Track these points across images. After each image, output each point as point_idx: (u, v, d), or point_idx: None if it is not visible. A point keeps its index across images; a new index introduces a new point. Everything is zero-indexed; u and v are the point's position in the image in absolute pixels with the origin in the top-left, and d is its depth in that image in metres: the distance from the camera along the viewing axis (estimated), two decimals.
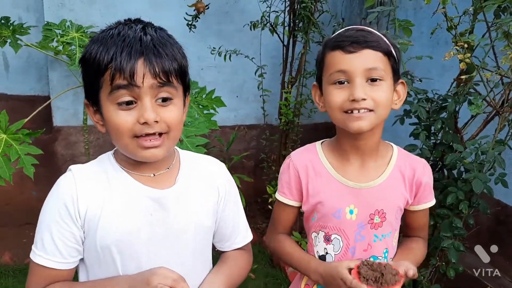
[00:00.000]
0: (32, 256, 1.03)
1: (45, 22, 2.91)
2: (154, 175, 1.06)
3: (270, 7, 2.96)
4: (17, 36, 2.44)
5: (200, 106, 2.60)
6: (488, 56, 1.77)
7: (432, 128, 1.98)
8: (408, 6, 3.01)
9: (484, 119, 1.90)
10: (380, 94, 1.09)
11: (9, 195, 3.25)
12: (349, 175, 1.20)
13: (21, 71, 3.28)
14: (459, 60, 1.77)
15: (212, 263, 1.20)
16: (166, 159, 1.08)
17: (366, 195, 1.18)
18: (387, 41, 1.12)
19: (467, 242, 2.57)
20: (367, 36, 1.09)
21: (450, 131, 1.96)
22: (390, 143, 1.29)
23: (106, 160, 1.07)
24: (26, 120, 2.25)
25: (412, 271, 1.08)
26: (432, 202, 1.28)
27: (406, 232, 1.34)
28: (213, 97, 2.69)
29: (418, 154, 2.00)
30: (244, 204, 3.16)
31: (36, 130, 2.28)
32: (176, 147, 1.15)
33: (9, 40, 2.40)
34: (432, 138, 2.03)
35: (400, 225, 1.30)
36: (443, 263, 2.13)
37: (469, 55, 1.68)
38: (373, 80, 1.09)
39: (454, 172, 2.01)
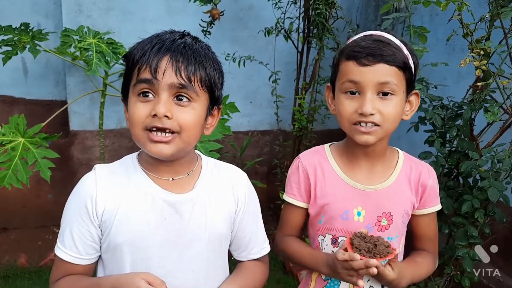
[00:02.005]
0: (55, 248, 1.07)
1: (63, 28, 2.97)
2: (173, 179, 1.08)
3: (284, 14, 2.97)
4: (36, 42, 2.48)
5: None
6: (505, 63, 1.75)
7: (447, 135, 1.97)
8: (424, 12, 2.99)
9: (501, 126, 1.87)
10: (389, 110, 1.10)
11: (25, 198, 3.31)
12: (357, 177, 1.20)
13: (39, 76, 3.34)
14: (475, 67, 1.76)
15: (230, 271, 1.21)
16: (186, 164, 1.10)
17: (374, 197, 1.19)
18: (405, 51, 1.12)
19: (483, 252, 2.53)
20: (383, 49, 1.09)
21: (466, 139, 1.94)
22: (396, 148, 1.29)
23: (130, 160, 1.11)
24: (43, 124, 2.29)
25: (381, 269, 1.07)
26: (438, 207, 1.29)
27: (414, 244, 1.32)
28: (227, 102, 2.71)
29: (433, 162, 1.99)
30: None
31: (53, 134, 2.32)
32: (200, 153, 1.17)
33: (28, 46, 2.44)
34: (447, 145, 2.01)
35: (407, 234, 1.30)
36: (458, 272, 2.10)
37: (485, 62, 1.66)
38: (385, 94, 1.10)
39: (469, 180, 1.99)
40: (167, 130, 0.98)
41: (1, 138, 2.14)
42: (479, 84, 1.76)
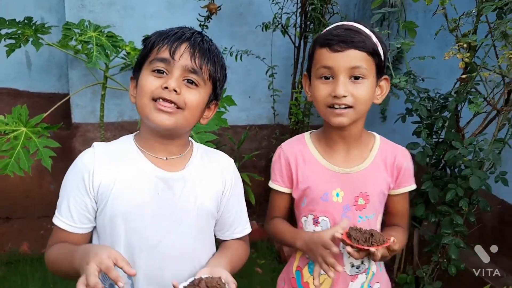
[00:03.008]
0: (53, 218, 1.15)
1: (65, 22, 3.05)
2: (166, 158, 1.16)
3: (282, 9, 3.03)
4: (38, 35, 2.56)
5: None
6: (488, 56, 1.81)
7: (434, 126, 2.03)
8: (418, 8, 3.04)
9: (484, 117, 1.93)
10: (361, 92, 1.18)
11: (28, 189, 3.40)
12: (335, 161, 1.27)
13: (42, 69, 3.42)
14: (462, 59, 1.82)
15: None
16: (180, 146, 1.18)
17: (351, 179, 1.25)
18: (374, 39, 1.18)
19: (472, 242, 2.59)
20: (354, 36, 1.16)
21: (452, 130, 2.00)
22: (373, 132, 1.36)
23: (127, 140, 1.19)
24: (45, 114, 2.37)
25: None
26: (412, 186, 1.35)
27: (388, 220, 1.39)
28: (224, 95, 2.78)
29: (419, 152, 2.05)
30: (254, 202, 3.26)
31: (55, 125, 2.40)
32: (192, 140, 1.26)
33: (31, 39, 2.52)
34: (434, 136, 2.07)
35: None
36: (445, 260, 2.16)
37: (468, 54, 1.72)
38: (356, 78, 1.17)
39: (456, 170, 2.05)
40: (173, 104, 1.08)
41: (4, 127, 2.23)
42: (463, 76, 1.82)
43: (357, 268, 1.29)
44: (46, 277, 2.63)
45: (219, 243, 1.31)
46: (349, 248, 1.14)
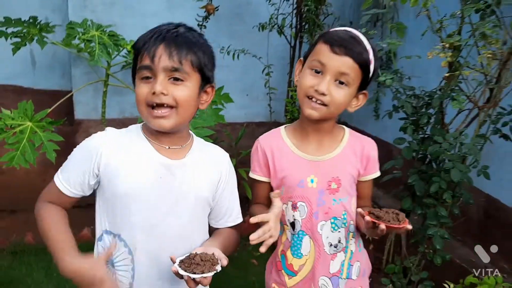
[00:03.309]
0: (55, 175, 1.27)
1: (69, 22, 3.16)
2: (169, 147, 1.26)
3: (278, 10, 3.14)
4: (43, 34, 2.67)
5: None
6: (470, 56, 1.91)
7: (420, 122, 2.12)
8: (409, 10, 3.12)
9: (467, 114, 2.03)
10: (339, 96, 1.29)
11: (32, 183, 3.46)
12: (308, 151, 1.39)
13: (46, 67, 3.53)
14: (445, 58, 1.92)
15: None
16: (181, 138, 1.29)
17: (323, 166, 1.37)
18: (371, 56, 1.28)
19: (458, 235, 2.70)
20: (353, 45, 1.27)
21: (437, 126, 2.11)
22: (343, 126, 1.47)
23: (135, 129, 1.30)
24: (49, 110, 2.48)
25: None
26: (377, 173, 1.47)
27: (356, 203, 1.49)
28: (221, 93, 2.89)
29: (406, 147, 2.15)
30: (250, 196, 3.36)
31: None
32: (193, 133, 1.37)
33: (36, 37, 2.63)
34: (420, 132, 2.17)
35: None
36: (431, 251, 2.25)
37: (450, 54, 1.82)
38: (341, 82, 1.28)
39: (441, 165, 2.15)
40: (165, 105, 1.17)
41: (10, 122, 2.33)
42: (447, 74, 1.92)
43: (335, 247, 1.39)
44: (50, 267, 2.74)
45: (212, 232, 1.41)
46: (382, 226, 1.22)
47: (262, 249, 1.24)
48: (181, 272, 1.09)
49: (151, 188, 1.23)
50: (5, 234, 3.13)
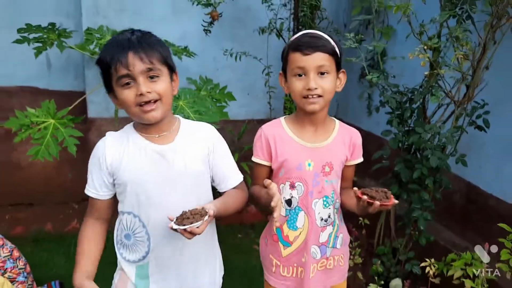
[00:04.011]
0: (85, 189, 1.53)
1: (83, 27, 3.39)
2: (158, 135, 1.50)
3: (276, 15, 3.38)
4: (62, 39, 2.91)
5: (214, 100, 3.04)
6: (446, 56, 2.15)
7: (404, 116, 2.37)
8: (399, 14, 3.38)
9: (444, 108, 2.28)
10: (327, 84, 1.53)
11: (48, 177, 3.75)
12: (306, 138, 1.62)
13: (61, 69, 3.78)
14: (425, 58, 2.16)
15: None
16: (167, 124, 1.51)
17: (318, 152, 1.61)
18: (332, 43, 1.53)
19: (443, 220, 2.94)
20: (317, 42, 1.51)
21: (420, 119, 2.35)
22: (334, 118, 1.71)
23: (129, 128, 1.55)
24: (70, 108, 2.72)
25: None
26: (361, 159, 1.71)
27: (341, 185, 1.72)
28: (225, 92, 3.13)
29: (392, 138, 2.40)
30: (250, 188, 3.60)
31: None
32: (179, 117, 1.59)
33: (56, 42, 2.87)
34: (405, 125, 2.41)
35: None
36: (416, 233, 2.50)
37: (427, 54, 2.06)
38: (322, 73, 1.52)
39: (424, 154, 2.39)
40: (152, 101, 1.40)
41: (35, 119, 2.57)
42: (426, 73, 2.17)
43: (325, 221, 1.63)
44: (69, 252, 2.99)
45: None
46: (377, 203, 1.41)
47: (277, 224, 1.47)
48: (175, 226, 1.31)
49: (150, 173, 1.47)
50: (25, 224, 3.37)
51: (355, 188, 1.48)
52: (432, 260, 2.23)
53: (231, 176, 1.63)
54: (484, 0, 2.12)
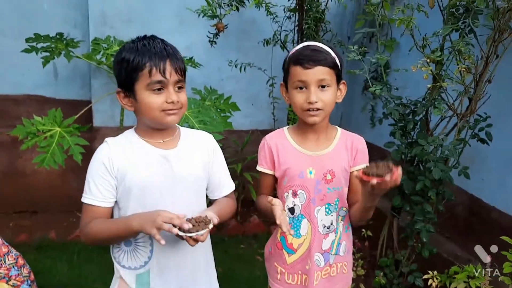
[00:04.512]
0: (83, 199, 1.49)
1: (90, 38, 3.45)
2: (163, 141, 1.52)
3: (281, 27, 3.43)
4: (69, 49, 2.96)
5: (218, 110, 3.07)
6: (449, 69, 2.18)
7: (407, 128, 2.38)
8: (402, 27, 3.41)
9: (447, 121, 2.29)
10: (327, 97, 1.54)
11: (53, 185, 3.78)
12: (307, 147, 1.64)
13: (67, 79, 3.83)
14: (428, 71, 2.19)
15: None
16: (171, 131, 1.55)
17: (320, 159, 1.62)
18: (333, 55, 1.55)
19: (446, 232, 2.94)
20: (318, 55, 1.53)
21: (422, 131, 2.37)
22: (336, 126, 1.72)
23: (130, 133, 1.55)
24: (76, 116, 2.75)
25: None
26: (366, 164, 1.61)
27: (349, 198, 1.69)
28: (229, 102, 3.17)
29: (395, 150, 2.41)
30: (255, 199, 3.61)
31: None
32: (177, 124, 1.62)
33: (63, 52, 2.92)
34: (408, 137, 2.43)
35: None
36: (419, 245, 2.50)
37: (430, 67, 2.09)
38: (323, 86, 1.54)
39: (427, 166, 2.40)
40: (175, 108, 1.45)
41: (42, 127, 2.61)
42: (428, 86, 2.19)
43: (327, 228, 1.64)
44: (72, 260, 3.00)
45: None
46: (387, 177, 1.31)
47: (287, 231, 1.45)
48: (180, 233, 1.33)
49: (156, 177, 1.48)
50: (28, 231, 3.39)
51: (355, 173, 1.42)
52: (435, 272, 2.23)
53: (226, 184, 1.67)
54: (486, 14, 2.15)
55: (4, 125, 3.61)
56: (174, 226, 1.34)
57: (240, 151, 3.76)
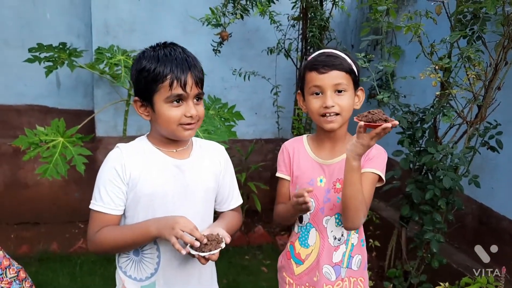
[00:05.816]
0: (91, 206, 1.44)
1: (93, 47, 3.43)
2: (176, 150, 1.49)
3: (285, 36, 3.41)
4: (72, 58, 2.94)
5: (222, 119, 3.04)
6: (458, 77, 2.14)
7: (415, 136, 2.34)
8: (409, 34, 3.39)
9: (457, 129, 2.25)
10: (344, 102, 1.51)
11: (55, 196, 3.74)
12: (321, 155, 1.60)
13: (70, 88, 3.81)
14: (437, 78, 2.15)
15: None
16: (184, 141, 1.51)
17: (331, 168, 1.58)
18: (349, 61, 1.52)
19: (455, 242, 2.89)
20: (334, 60, 1.51)
21: (431, 139, 2.33)
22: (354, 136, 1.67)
23: (142, 140, 1.51)
24: (79, 126, 2.73)
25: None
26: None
27: None
28: (233, 111, 3.14)
29: (403, 159, 2.37)
30: (260, 208, 3.58)
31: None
32: None
33: (66, 62, 2.90)
34: (416, 145, 2.39)
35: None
36: (429, 255, 2.44)
37: (439, 74, 2.05)
38: (339, 91, 1.51)
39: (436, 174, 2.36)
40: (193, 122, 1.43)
41: (44, 137, 2.58)
42: (437, 93, 2.15)
43: (338, 240, 1.60)
44: (74, 273, 2.95)
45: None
46: (388, 124, 1.29)
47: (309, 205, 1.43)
48: (193, 252, 1.30)
49: (168, 186, 1.44)
50: (30, 243, 3.34)
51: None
52: (447, 284, 2.17)
53: (234, 197, 1.64)
54: (495, 21, 2.12)
55: (6, 135, 3.59)
56: (185, 243, 1.31)
57: (244, 161, 3.72)
